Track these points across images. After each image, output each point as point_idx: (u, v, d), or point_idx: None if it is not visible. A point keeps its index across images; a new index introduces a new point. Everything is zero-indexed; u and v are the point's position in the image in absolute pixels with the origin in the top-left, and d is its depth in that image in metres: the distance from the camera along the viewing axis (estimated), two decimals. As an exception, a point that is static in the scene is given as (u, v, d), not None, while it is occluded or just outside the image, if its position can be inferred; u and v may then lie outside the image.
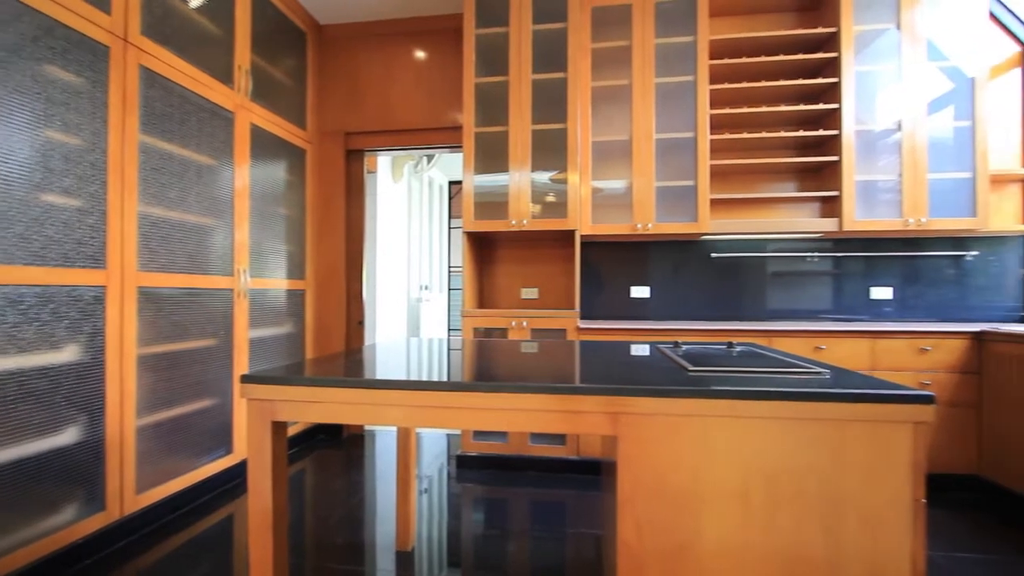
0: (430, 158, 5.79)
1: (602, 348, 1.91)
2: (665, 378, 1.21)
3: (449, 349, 1.95)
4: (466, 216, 3.17)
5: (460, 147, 3.28)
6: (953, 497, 2.66)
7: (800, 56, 3.04)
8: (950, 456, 2.70)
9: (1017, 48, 3.17)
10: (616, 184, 3.27)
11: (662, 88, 3.13)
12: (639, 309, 3.44)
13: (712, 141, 3.12)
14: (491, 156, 3.23)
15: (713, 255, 3.37)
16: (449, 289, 6.95)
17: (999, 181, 3.12)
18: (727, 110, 3.10)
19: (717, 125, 3.21)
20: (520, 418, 1.18)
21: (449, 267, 6.97)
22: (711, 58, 3.13)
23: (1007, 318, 3.14)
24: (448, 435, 3.89)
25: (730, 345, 1.71)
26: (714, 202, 3.20)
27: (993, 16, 3.13)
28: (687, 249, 3.41)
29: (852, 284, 3.27)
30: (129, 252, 2.18)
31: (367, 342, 4.14)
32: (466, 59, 3.15)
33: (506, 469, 3.06)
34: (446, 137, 3.72)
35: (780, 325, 2.87)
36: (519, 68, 3.12)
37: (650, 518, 1.10)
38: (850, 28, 2.96)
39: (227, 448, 2.80)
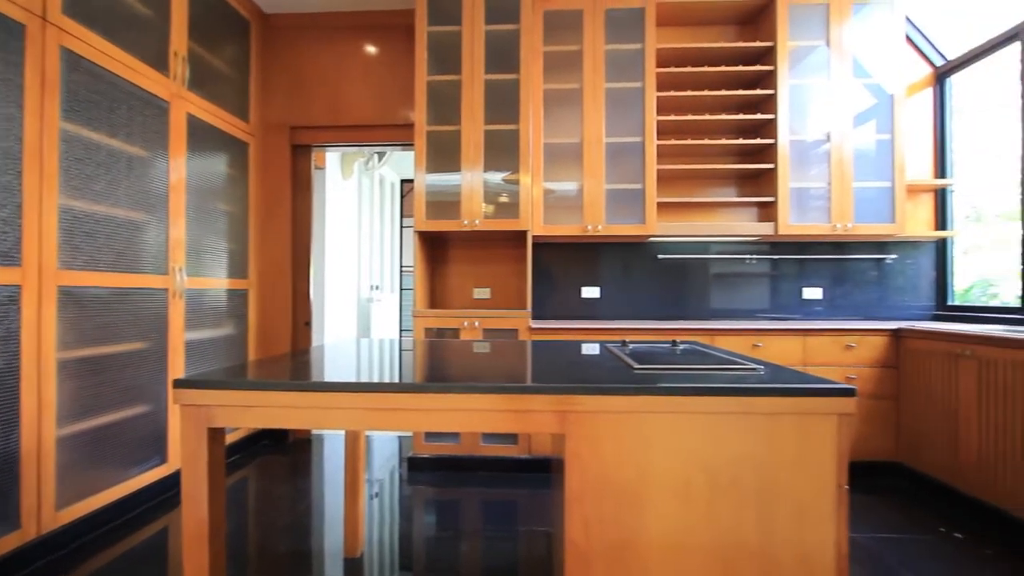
0: (381, 155, 5.68)
1: (553, 348, 1.94)
2: (611, 376, 1.24)
3: (401, 350, 1.92)
4: (418, 215, 3.13)
5: (412, 145, 3.24)
6: (876, 483, 2.87)
7: (740, 68, 3.19)
8: (874, 445, 2.91)
9: (929, 69, 3.46)
10: (567, 186, 3.33)
11: (612, 93, 3.21)
12: (590, 309, 3.51)
13: (659, 146, 3.23)
14: (443, 155, 3.21)
15: (660, 256, 3.49)
16: (401, 289, 6.85)
17: (914, 191, 3.39)
18: (673, 117, 3.21)
19: (664, 131, 3.32)
20: (470, 418, 1.18)
21: (401, 267, 6.87)
22: (658, 66, 3.23)
23: (921, 316, 3.42)
24: (400, 437, 3.83)
25: (674, 343, 1.78)
26: (661, 205, 3.31)
27: (909, 39, 3.40)
28: (635, 250, 3.51)
29: (787, 285, 3.46)
30: (48, 248, 2.02)
31: (315, 343, 4.02)
32: (418, 56, 3.11)
33: (459, 470, 3.04)
34: (397, 135, 3.66)
35: (721, 324, 3.01)
36: (472, 68, 3.11)
37: (597, 515, 1.12)
38: (785, 43, 3.14)
39: (161, 457, 2.64)
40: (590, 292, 3.51)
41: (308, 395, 1.20)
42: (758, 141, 3.20)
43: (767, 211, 3.28)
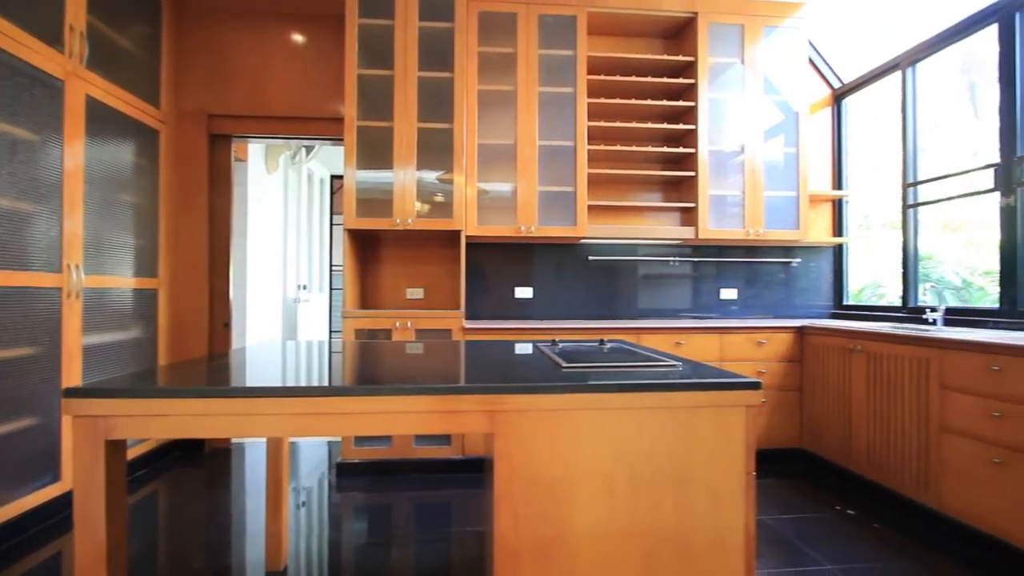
0: (309, 149, 5.44)
1: (485, 347, 1.94)
2: (540, 375, 1.27)
3: (330, 352, 1.86)
4: (347, 213, 3.03)
5: (342, 140, 3.13)
6: (782, 468, 3.12)
7: (665, 80, 3.36)
8: (781, 433, 3.16)
9: (829, 90, 3.81)
10: (502, 187, 3.35)
11: (545, 97, 3.27)
12: (523, 309, 3.56)
13: (590, 151, 3.33)
14: (375, 152, 3.13)
15: (591, 258, 3.60)
16: (331, 289, 6.60)
17: (816, 200, 3.72)
18: (603, 123, 3.32)
19: (594, 136, 3.43)
20: (399, 421, 1.16)
21: (331, 266, 6.62)
22: (589, 73, 3.33)
23: (821, 314, 3.76)
24: (329, 443, 3.69)
25: (602, 342, 1.84)
26: (591, 208, 3.41)
27: (812, 62, 3.73)
28: (567, 252, 3.60)
29: (706, 286, 3.69)
30: (-91, 242, 1.77)
31: (235, 346, 3.78)
32: (348, 48, 3.02)
33: (390, 474, 2.98)
34: (327, 128, 3.53)
35: (647, 323, 3.15)
36: (405, 63, 3.06)
37: (526, 511, 1.14)
38: (705, 59, 3.33)
39: (54, 475, 2.38)
40: (523, 292, 3.56)
41: (225, 401, 1.13)
42: (681, 150, 3.38)
43: (689, 216, 3.47)
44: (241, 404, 1.12)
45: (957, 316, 2.79)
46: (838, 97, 3.78)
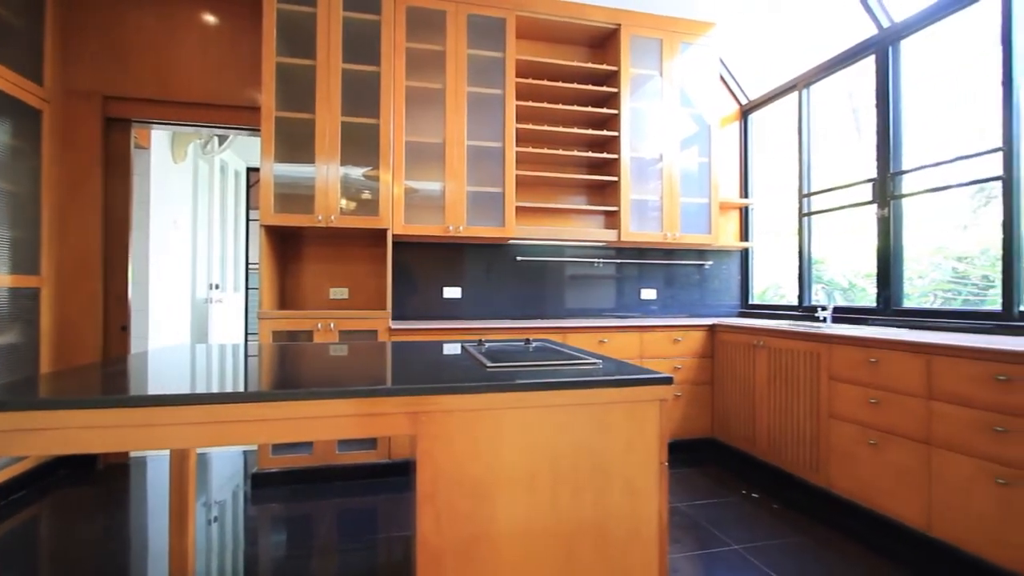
0: (223, 139, 5.08)
1: (412, 348, 1.92)
2: (465, 375, 1.27)
3: (246, 355, 1.75)
4: (264, 208, 2.87)
5: (258, 130, 2.96)
6: (695, 457, 3.33)
7: (590, 87, 3.48)
8: (695, 424, 3.37)
9: (737, 105, 4.11)
10: (430, 185, 3.31)
11: (474, 97, 3.27)
12: (451, 309, 3.54)
13: (518, 153, 3.37)
14: (296, 144, 2.99)
15: (519, 258, 3.65)
16: (247, 289, 6.21)
17: (726, 207, 4.00)
18: (531, 126, 3.38)
19: (523, 138, 3.48)
20: (318, 426, 1.12)
21: (247, 264, 6.23)
22: (518, 76, 3.37)
23: (730, 313, 4.05)
24: (245, 452, 3.47)
25: (527, 342, 1.87)
26: (520, 209, 3.46)
27: (723, 78, 4.01)
28: (496, 252, 3.63)
29: (628, 286, 3.86)
30: None
31: (134, 351, 3.46)
32: (266, 34, 2.86)
33: (312, 482, 2.85)
34: (242, 117, 3.32)
35: (573, 322, 3.24)
36: (328, 54, 2.94)
37: (449, 511, 1.14)
38: (627, 69, 3.49)
39: (-99, 503, 2.06)
40: (452, 292, 3.54)
41: (120, 412, 1.03)
42: (605, 155, 3.51)
43: (612, 219, 3.61)
44: (138, 414, 1.03)
45: (843, 314, 3.12)
46: (745, 112, 4.09)
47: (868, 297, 3.14)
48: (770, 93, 3.81)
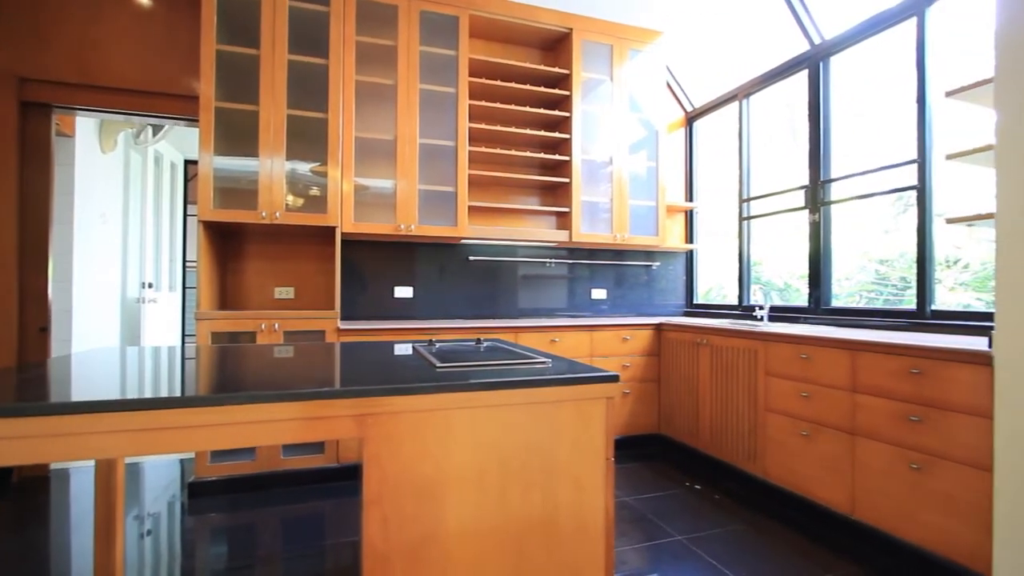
0: (158, 129, 4.79)
1: (360, 349, 1.88)
2: (413, 376, 1.26)
3: (182, 358, 1.66)
4: (203, 202, 2.73)
5: (197, 120, 2.80)
6: (642, 452, 3.43)
7: (543, 89, 3.51)
8: (642, 420, 3.47)
9: (682, 112, 4.27)
10: (381, 183, 3.25)
11: (426, 94, 3.24)
12: (402, 309, 3.49)
13: (471, 152, 3.36)
14: (238, 136, 2.86)
15: (471, 258, 3.64)
16: (184, 288, 5.88)
17: (672, 210, 4.15)
18: (484, 125, 3.38)
19: (475, 138, 3.47)
20: (259, 431, 1.07)
21: (184, 262, 5.90)
22: (471, 75, 3.36)
23: (676, 312, 4.20)
24: (182, 460, 3.29)
25: (478, 341, 1.88)
26: (472, 209, 3.46)
27: (669, 86, 4.15)
28: (448, 251, 3.60)
29: (579, 286, 3.93)
30: None
31: (55, 354, 3.20)
32: (205, 19, 2.72)
33: (256, 489, 2.74)
34: (178, 107, 3.13)
35: (525, 322, 3.27)
36: (272, 44, 2.84)
37: (396, 514, 1.12)
38: (579, 73, 3.55)
39: None
40: (403, 292, 3.49)
41: (37, 421, 0.95)
42: (556, 157, 3.56)
43: (563, 220, 3.67)
44: (57, 423, 0.96)
45: (779, 313, 3.30)
46: (690, 119, 4.25)
47: (801, 297, 3.34)
48: (713, 102, 3.98)
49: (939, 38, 2.49)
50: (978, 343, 1.86)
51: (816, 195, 3.08)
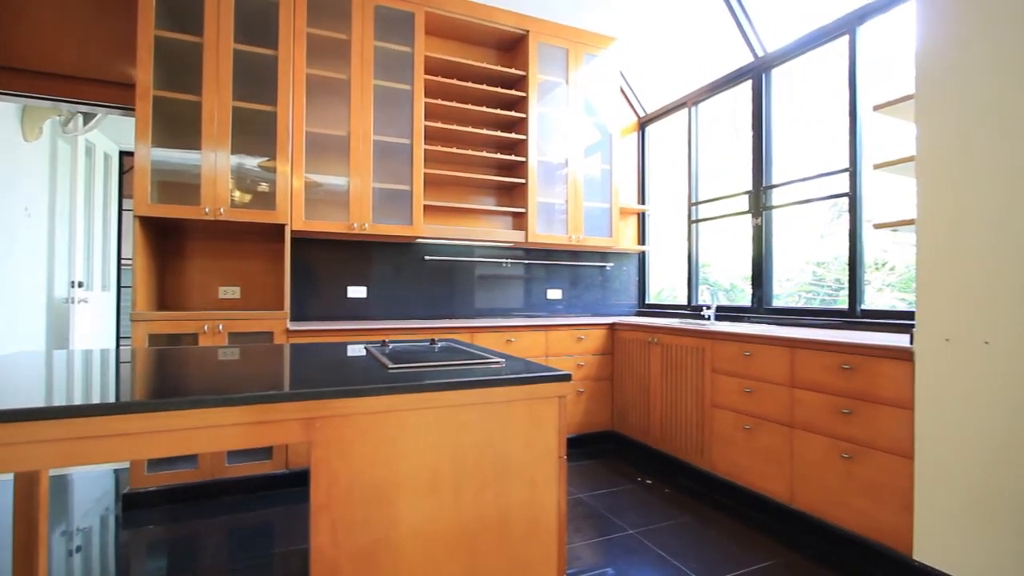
0: (90, 117, 4.48)
1: (311, 351, 1.82)
2: (365, 377, 1.23)
3: (117, 362, 1.56)
4: (139, 197, 2.58)
5: (132, 109, 2.64)
6: (597, 449, 3.50)
7: (500, 90, 3.52)
8: (596, 418, 3.54)
9: (635, 117, 4.38)
10: (333, 180, 3.17)
11: (381, 90, 3.18)
12: (356, 309, 3.41)
13: (427, 151, 3.33)
14: (179, 128, 2.72)
15: (427, 258, 3.60)
16: (119, 287, 5.53)
17: (625, 212, 4.25)
18: (440, 124, 3.35)
19: (432, 136, 3.44)
20: (198, 438, 1.02)
21: (119, 259, 5.55)
22: (427, 73, 3.33)
23: (629, 312, 4.31)
24: (117, 471, 3.09)
25: (433, 342, 1.86)
26: (428, 208, 3.42)
27: (623, 91, 4.25)
28: (404, 251, 3.55)
29: (535, 286, 3.96)
30: None
31: (-31, 360, 2.94)
32: (142, 1, 2.57)
33: (199, 499, 2.61)
34: (112, 94, 2.94)
35: (482, 322, 3.27)
36: (217, 31, 2.71)
37: (346, 519, 1.10)
38: (535, 75, 3.58)
39: None
40: (357, 292, 3.41)
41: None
42: (513, 158, 3.58)
43: (520, 220, 3.69)
44: (-33, 434, 0.88)
45: (725, 312, 3.44)
46: (643, 124, 4.37)
47: (746, 297, 3.49)
48: (664, 108, 4.10)
49: (869, 55, 2.67)
50: (901, 340, 2.00)
51: (759, 200, 3.23)
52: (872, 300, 2.72)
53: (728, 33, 3.35)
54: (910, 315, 2.30)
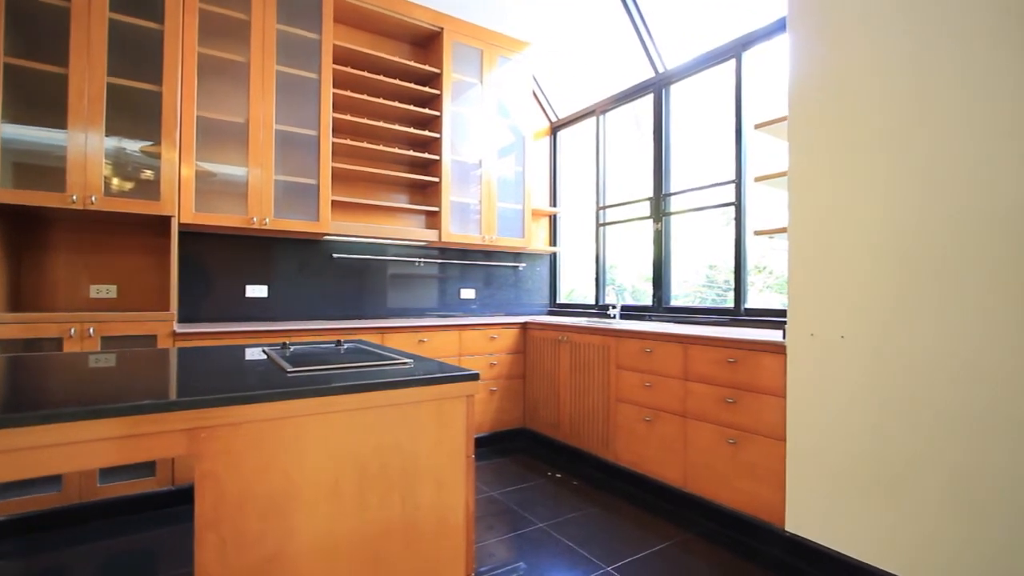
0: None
1: (199, 355, 1.67)
2: (259, 382, 1.16)
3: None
4: (-14, 181, 2.22)
5: (-22, 80, 2.27)
6: (509, 446, 3.55)
7: (413, 86, 3.46)
8: (509, 416, 3.59)
9: (548, 122, 4.50)
10: (230, 170, 2.94)
11: (284, 77, 3.00)
12: (256, 309, 3.19)
13: (335, 144, 3.19)
14: (39, 102, 2.39)
15: (336, 256, 3.45)
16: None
17: (537, 214, 4.35)
18: (350, 117, 3.23)
19: (340, 129, 3.30)
20: (56, 456, 0.90)
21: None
22: (336, 62, 3.19)
23: (540, 312, 4.42)
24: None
25: (338, 343, 1.79)
26: (336, 204, 3.28)
27: (535, 95, 4.35)
28: (310, 248, 3.38)
29: (449, 286, 3.94)
30: None
31: None
32: (-10, -43, 2.21)
33: (65, 526, 2.29)
34: (-51, 59, 2.51)
35: (393, 322, 3.19)
36: (88, -1, 2.41)
37: (236, 536, 1.03)
38: (450, 74, 3.56)
39: None
40: (256, 291, 3.19)
41: None
42: (427, 155, 3.53)
43: (433, 219, 3.65)
44: None
45: (629, 312, 3.64)
46: (555, 129, 4.50)
47: (648, 297, 3.72)
48: (575, 115, 4.26)
49: (754, 78, 2.95)
50: (777, 336, 2.24)
51: (659, 206, 3.45)
52: (754, 300, 3.01)
53: (633, 48, 3.55)
54: (784, 313, 2.58)
